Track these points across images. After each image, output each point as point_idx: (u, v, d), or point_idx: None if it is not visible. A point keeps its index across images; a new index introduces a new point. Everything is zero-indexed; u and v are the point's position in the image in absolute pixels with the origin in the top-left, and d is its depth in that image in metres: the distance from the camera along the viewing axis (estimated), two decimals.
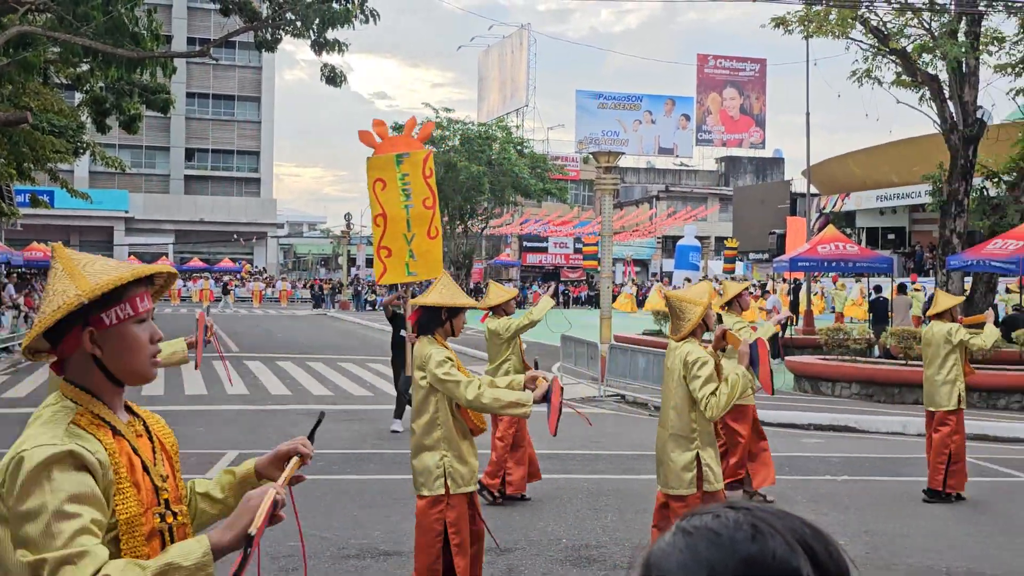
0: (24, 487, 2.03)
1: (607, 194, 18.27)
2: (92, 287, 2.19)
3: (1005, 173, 20.36)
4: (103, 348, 2.25)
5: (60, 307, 2.17)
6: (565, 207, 61.29)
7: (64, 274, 2.24)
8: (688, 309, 5.87)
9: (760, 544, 1.02)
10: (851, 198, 46.76)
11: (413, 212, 8.79)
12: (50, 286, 2.25)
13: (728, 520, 1.05)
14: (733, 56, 78.12)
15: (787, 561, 1.01)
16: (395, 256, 8.94)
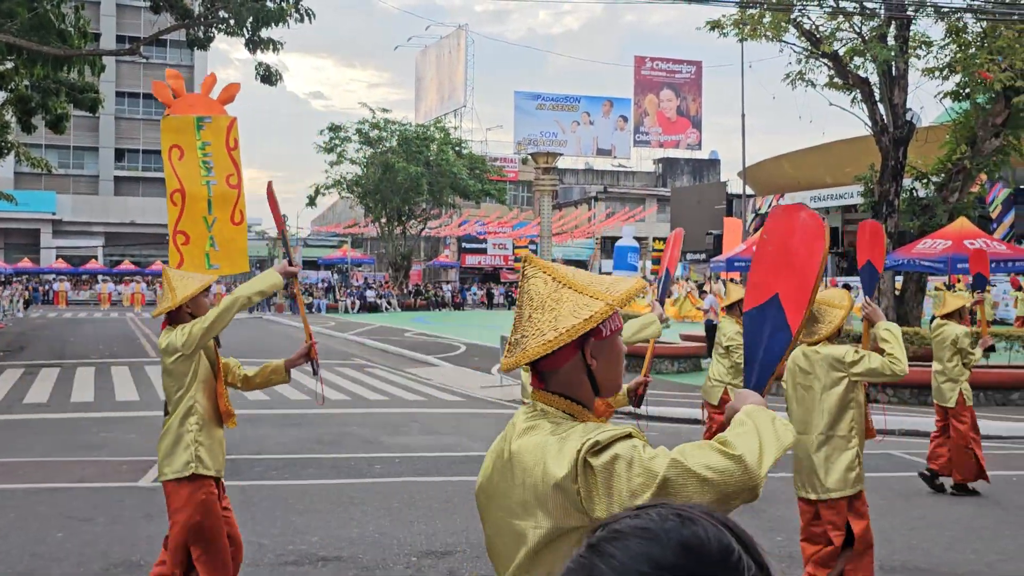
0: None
1: (546, 195, 18.28)
2: (617, 297, 2.24)
3: (934, 174, 20.78)
4: (598, 359, 2.28)
5: (590, 317, 2.19)
6: (504, 208, 61.38)
7: (565, 286, 2.27)
8: (828, 312, 5.72)
9: (691, 528, 1.05)
10: (786, 199, 47.47)
11: (216, 190, 7.49)
12: (542, 297, 2.28)
13: (652, 515, 1.08)
14: (670, 58, 78.92)
15: (719, 540, 1.05)
16: (193, 243, 7.55)
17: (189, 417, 5.43)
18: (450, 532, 7.86)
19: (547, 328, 2.22)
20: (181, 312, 5.49)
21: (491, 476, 2.33)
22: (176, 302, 5.41)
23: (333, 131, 51.70)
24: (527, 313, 2.29)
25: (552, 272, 2.32)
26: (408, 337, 31.34)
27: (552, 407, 2.26)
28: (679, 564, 1.02)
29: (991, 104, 19.47)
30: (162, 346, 5.43)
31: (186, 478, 5.40)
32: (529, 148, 64.83)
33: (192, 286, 5.51)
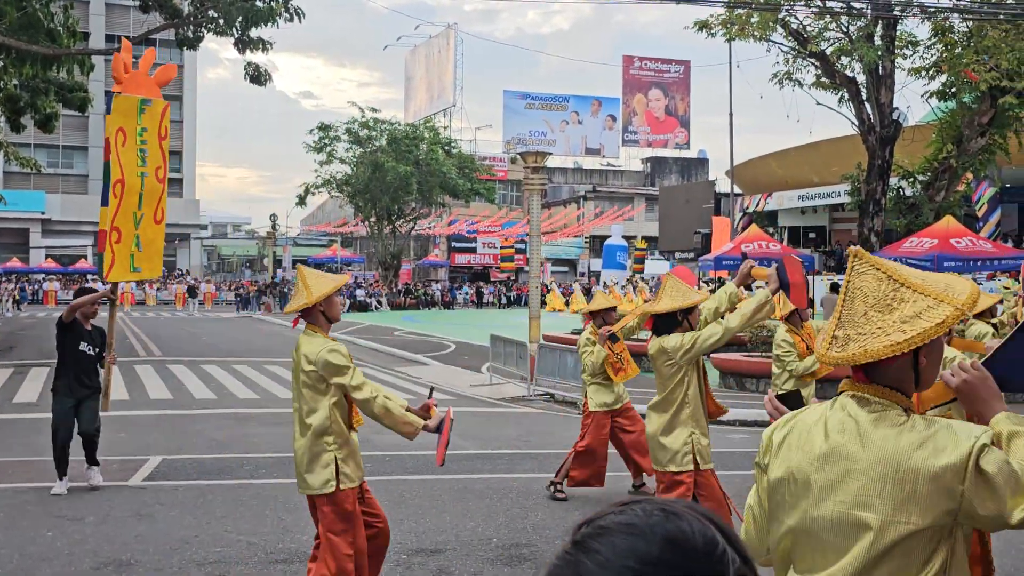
0: None
1: (535, 194, 18.35)
2: (964, 301, 2.27)
3: (920, 173, 20.94)
4: (928, 359, 2.34)
5: (942, 323, 2.23)
6: (493, 207, 61.45)
7: (903, 286, 2.31)
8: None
9: (676, 523, 1.06)
10: (773, 198, 47.62)
11: (147, 184, 6.87)
12: (879, 295, 2.32)
13: (636, 511, 1.09)
14: (658, 58, 79.11)
15: (704, 534, 1.06)
16: (124, 242, 6.98)
17: (326, 436, 5.39)
18: (439, 530, 7.92)
19: (892, 329, 2.25)
20: (314, 310, 5.47)
21: (820, 465, 2.33)
22: (312, 300, 5.38)
23: (323, 130, 51.70)
24: (862, 310, 2.32)
25: (885, 269, 2.35)
26: (398, 336, 31.37)
27: (887, 400, 2.31)
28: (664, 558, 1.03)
29: (977, 103, 19.63)
30: (304, 349, 5.40)
31: (328, 494, 5.43)
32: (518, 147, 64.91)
33: (327, 285, 5.47)
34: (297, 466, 5.53)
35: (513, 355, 18.42)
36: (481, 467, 10.59)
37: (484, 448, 11.84)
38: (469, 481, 9.81)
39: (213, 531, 7.81)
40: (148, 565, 6.91)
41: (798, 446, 2.40)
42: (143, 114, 6.64)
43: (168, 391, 17.18)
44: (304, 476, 5.47)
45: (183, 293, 54.79)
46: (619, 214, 66.28)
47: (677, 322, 5.92)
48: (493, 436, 12.88)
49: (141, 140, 6.68)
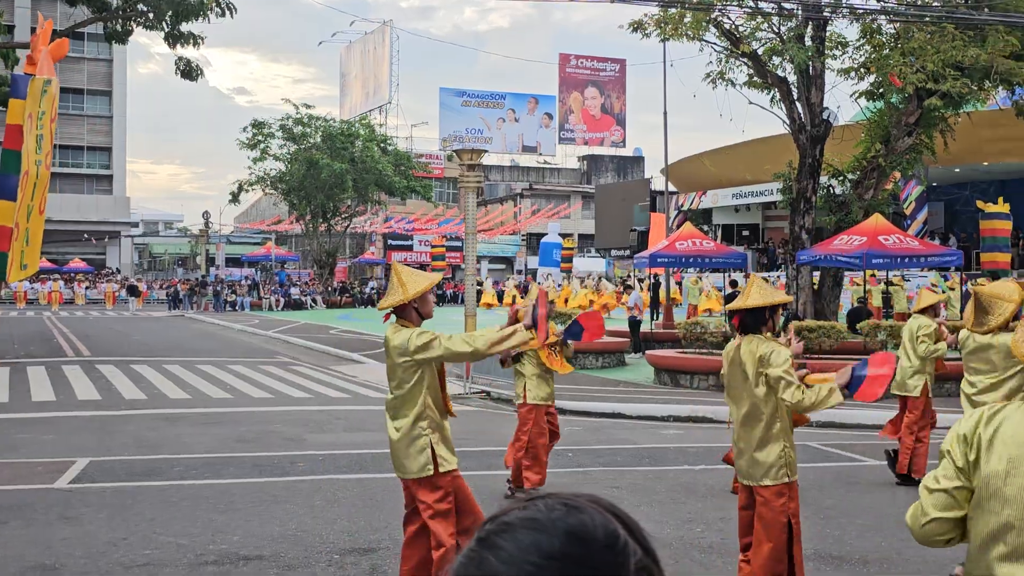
0: None
1: (470, 192, 18.30)
2: None
3: (849, 172, 21.28)
4: None
5: None
6: (430, 205, 61.24)
7: None
8: (998, 304, 5.97)
9: (577, 517, 1.06)
10: (708, 196, 48.20)
11: (40, 173, 6.26)
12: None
13: (539, 506, 1.09)
14: (594, 56, 79.53)
15: (605, 526, 1.06)
16: (19, 238, 6.29)
17: (420, 421, 5.55)
18: (373, 529, 7.86)
19: None
20: (407, 308, 5.55)
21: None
22: (408, 297, 5.48)
23: (256, 127, 51.04)
24: None
25: None
26: (333, 334, 31.11)
27: None
28: (567, 552, 1.03)
29: (904, 104, 20.01)
30: (394, 343, 5.51)
31: (427, 477, 5.54)
32: (454, 145, 64.78)
33: (422, 283, 5.58)
34: (394, 452, 5.68)
35: None
36: None
37: None
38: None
39: (142, 533, 7.66)
40: (75, 569, 6.75)
41: (1013, 440, 2.72)
42: (44, 96, 6.11)
43: (97, 392, 16.81)
44: (402, 461, 5.62)
45: (113, 292, 53.72)
46: (556, 212, 66.54)
47: (764, 320, 5.73)
48: None
49: (39, 125, 6.15)
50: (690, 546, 7.47)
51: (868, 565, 6.99)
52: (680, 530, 7.91)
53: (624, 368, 21.31)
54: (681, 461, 10.99)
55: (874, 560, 7.12)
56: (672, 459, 11.13)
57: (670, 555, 7.20)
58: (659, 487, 9.53)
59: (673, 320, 25.40)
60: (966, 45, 18.11)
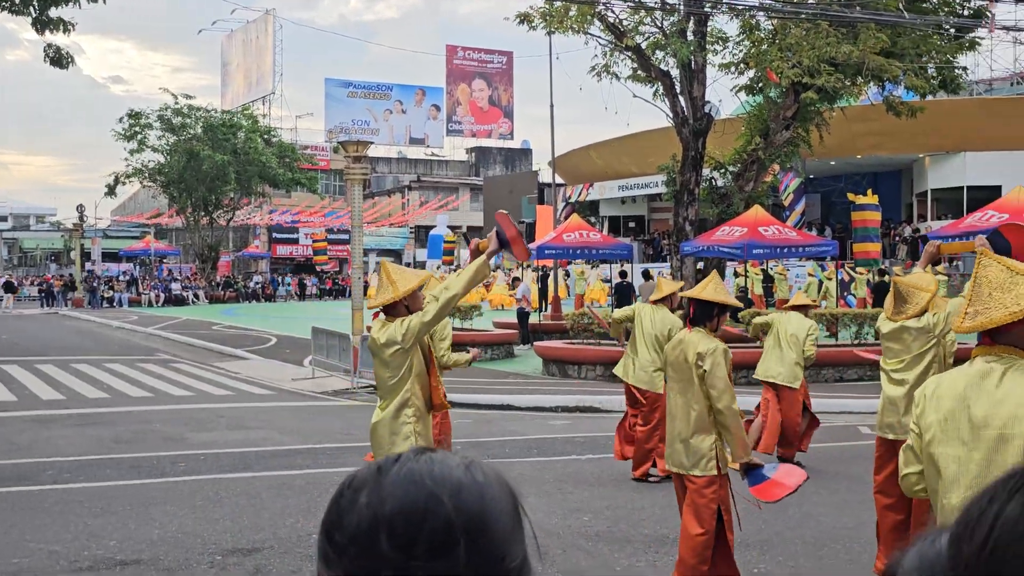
0: None
1: (356, 184, 18.08)
2: None
3: (731, 164, 21.76)
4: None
5: None
6: (316, 197, 60.35)
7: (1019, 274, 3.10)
8: (915, 294, 6.25)
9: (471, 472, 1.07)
10: (595, 188, 48.76)
11: None
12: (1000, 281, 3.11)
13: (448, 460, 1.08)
14: (481, 48, 79.56)
15: (498, 475, 1.09)
16: None
17: (405, 409, 5.52)
18: (257, 528, 7.67)
19: (1010, 303, 3.05)
20: (398, 305, 5.54)
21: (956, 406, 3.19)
22: (399, 295, 5.49)
23: (133, 118, 49.40)
24: (987, 292, 3.13)
25: (1005, 263, 3.16)
26: (216, 330, 30.38)
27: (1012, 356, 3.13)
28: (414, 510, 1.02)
29: (782, 98, 20.55)
30: (381, 340, 5.47)
31: None
32: (340, 136, 63.97)
33: (412, 281, 5.63)
34: (378, 443, 5.60)
35: (336, 347, 18.13)
36: (302, 462, 10.34)
37: (306, 443, 11.58)
38: (289, 477, 9.55)
39: (11, 540, 7.31)
40: None
41: (949, 394, 3.24)
42: None
43: None
44: (381, 446, 5.56)
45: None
46: (444, 204, 66.39)
47: (711, 316, 5.82)
48: (315, 430, 12.61)
49: None
50: (577, 535, 7.51)
51: (749, 548, 7.13)
52: (568, 519, 7.95)
53: (513, 360, 21.37)
54: (569, 451, 11.06)
55: (755, 543, 7.27)
56: (560, 449, 11.19)
57: (558, 544, 7.22)
58: (547, 477, 9.56)
59: (561, 311, 25.60)
60: (839, 42, 18.69)
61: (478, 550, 1.02)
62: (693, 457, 5.75)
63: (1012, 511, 0.73)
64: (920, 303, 6.22)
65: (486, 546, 1.03)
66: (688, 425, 5.79)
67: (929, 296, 6.24)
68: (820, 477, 9.67)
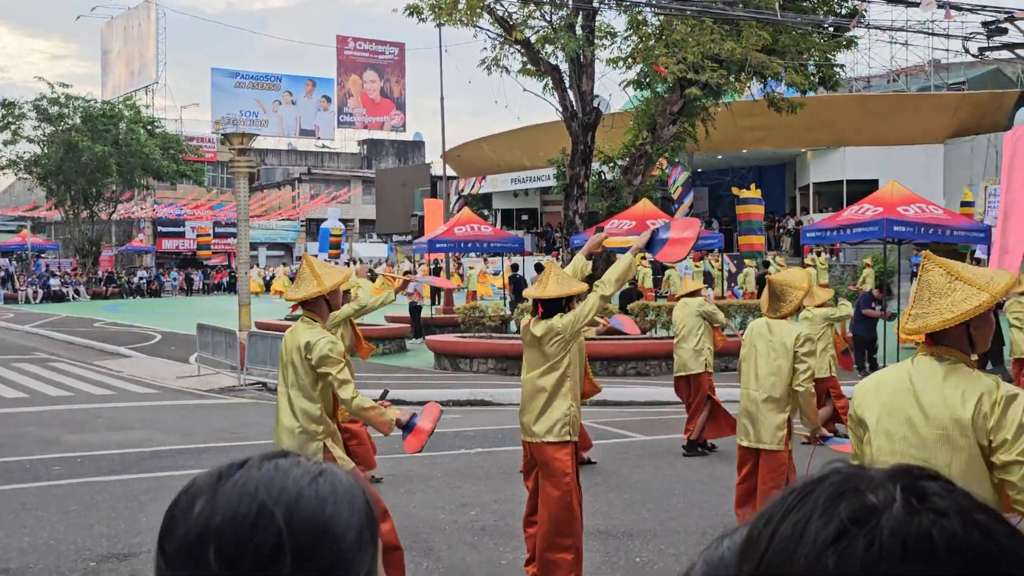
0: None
1: (242, 177, 17.70)
2: (998, 289, 3.17)
3: (619, 158, 22.04)
4: (977, 330, 3.28)
5: (979, 305, 3.14)
6: (202, 190, 58.93)
7: (956, 279, 3.22)
8: (790, 292, 6.33)
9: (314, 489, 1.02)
10: (487, 181, 48.80)
11: None
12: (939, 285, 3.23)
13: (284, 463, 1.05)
14: (372, 39, 78.71)
15: (351, 487, 1.04)
16: None
17: (314, 424, 5.46)
18: (135, 532, 7.43)
19: (945, 310, 3.18)
20: (320, 300, 5.52)
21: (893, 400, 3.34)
22: (324, 289, 5.45)
23: (5, 107, 47.36)
24: (927, 296, 3.26)
25: (946, 267, 3.26)
26: (98, 328, 29.41)
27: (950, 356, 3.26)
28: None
29: (668, 93, 20.90)
30: (303, 339, 5.42)
31: None
32: (228, 127, 62.58)
33: (336, 276, 5.62)
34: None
35: (223, 344, 17.74)
36: (184, 463, 10.07)
37: (189, 443, 11.29)
38: (170, 479, 9.29)
39: None
40: None
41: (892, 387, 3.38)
42: None
43: None
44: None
45: None
46: (335, 197, 65.61)
47: (562, 309, 5.87)
48: (200, 429, 12.31)
49: None
50: (463, 530, 7.50)
51: (632, 538, 7.23)
52: (455, 515, 7.93)
53: (405, 354, 21.26)
54: (458, 445, 11.05)
55: (638, 533, 7.37)
56: (449, 444, 11.15)
57: (443, 540, 7.20)
58: (435, 472, 9.53)
59: (454, 304, 25.56)
60: (723, 39, 19.10)
61: (311, 567, 0.98)
62: (545, 424, 5.83)
63: (784, 531, 0.73)
64: (794, 301, 6.36)
65: (321, 563, 0.99)
66: (540, 398, 5.86)
67: (802, 294, 6.39)
68: (704, 464, 9.89)
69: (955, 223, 16.90)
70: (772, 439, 6.24)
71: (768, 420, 6.25)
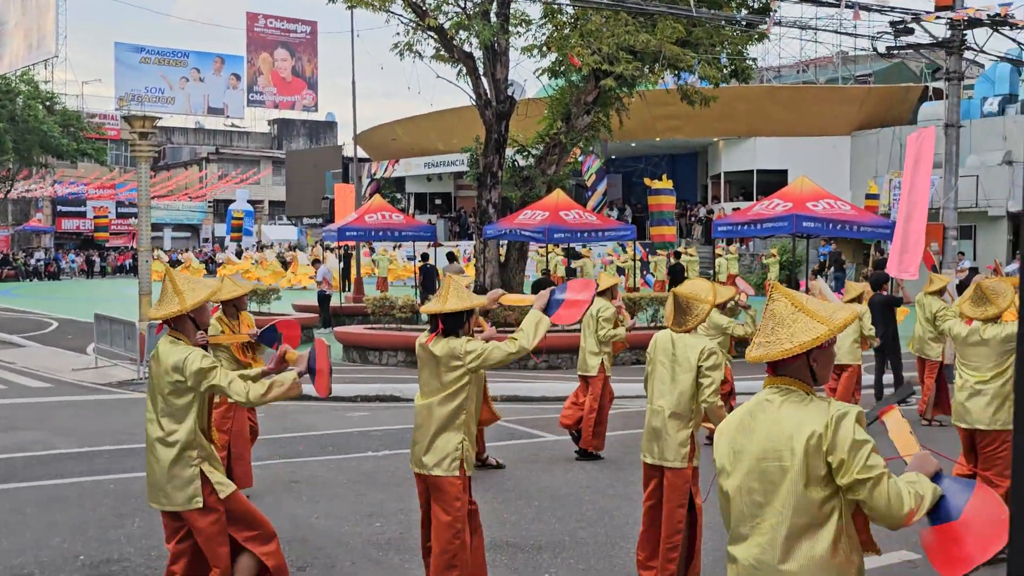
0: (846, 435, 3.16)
1: (144, 161, 17.00)
2: (837, 324, 3.28)
3: (533, 147, 21.87)
4: (818, 362, 3.34)
5: (817, 338, 3.25)
6: (105, 169, 57.08)
7: (800, 311, 3.32)
8: (696, 305, 6.19)
9: None
10: (400, 164, 48.28)
11: None
12: (782, 316, 3.33)
13: None
14: (284, 16, 77.11)
15: None
16: None
17: (189, 451, 5.11)
18: (18, 551, 6.99)
19: (785, 340, 3.27)
20: (184, 319, 5.16)
21: (739, 437, 3.38)
22: (186, 307, 5.10)
23: None
24: (771, 326, 3.33)
25: (790, 299, 3.34)
26: None
27: (791, 387, 3.31)
28: None
29: (583, 83, 20.77)
30: (168, 361, 5.06)
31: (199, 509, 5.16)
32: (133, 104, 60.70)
33: (201, 293, 5.20)
34: (155, 481, 5.19)
35: (121, 334, 17.08)
36: (75, 469, 9.60)
37: (81, 446, 10.77)
38: (59, 488, 8.82)
39: None
40: None
41: (731, 427, 3.45)
42: None
43: None
44: (167, 491, 5.14)
45: None
46: (245, 177, 64.23)
47: (462, 323, 5.63)
48: (94, 430, 11.78)
49: None
50: (368, 543, 7.25)
51: (541, 551, 7.07)
52: (359, 526, 7.67)
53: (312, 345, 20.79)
54: (364, 447, 10.76)
55: (547, 545, 7.21)
56: (356, 445, 10.87)
57: (347, 556, 6.95)
58: (340, 478, 9.24)
59: (364, 294, 25.16)
60: (638, 30, 19.02)
61: None
62: (436, 456, 5.56)
63: None
64: (700, 315, 6.24)
65: None
66: (432, 426, 5.59)
67: (708, 307, 6.28)
68: (614, 468, 9.78)
69: (862, 219, 17.13)
70: (676, 456, 6.12)
71: (672, 438, 6.13)
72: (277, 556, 5.32)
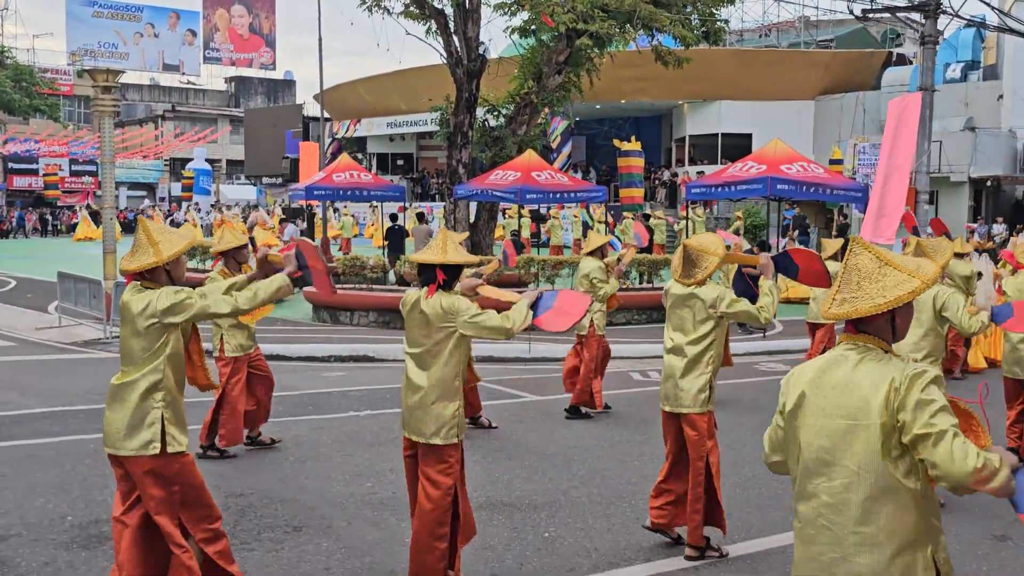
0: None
1: (107, 116, 16.57)
2: (930, 276, 3.21)
3: (503, 106, 21.66)
4: (901, 318, 3.31)
5: (913, 291, 3.17)
6: (58, 125, 55.79)
7: (887, 264, 3.24)
8: (704, 258, 6.15)
9: None
10: (363, 124, 47.68)
11: None
12: (869, 270, 3.25)
13: None
14: None
15: None
16: None
17: (155, 392, 4.86)
18: (1, 512, 6.81)
19: (876, 295, 3.18)
20: (158, 271, 4.91)
21: (811, 392, 3.32)
22: (162, 259, 4.88)
23: None
24: (856, 280, 3.24)
25: (875, 252, 3.26)
26: None
27: (869, 344, 3.25)
28: None
29: (555, 43, 20.57)
30: (135, 308, 4.83)
31: (151, 455, 4.84)
32: (86, 59, 59.28)
33: (178, 244, 4.97)
34: (111, 424, 4.90)
35: (86, 292, 16.73)
36: (50, 429, 9.38)
37: (53, 405, 10.53)
38: (36, 447, 8.61)
39: None
40: None
41: (803, 380, 3.37)
42: None
43: None
44: (119, 436, 4.86)
45: None
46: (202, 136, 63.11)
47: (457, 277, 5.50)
48: (64, 390, 11.52)
49: None
50: (362, 504, 7.15)
51: (538, 510, 7.02)
52: (350, 486, 7.57)
53: (281, 305, 20.52)
54: (346, 407, 10.64)
55: (543, 504, 7.17)
56: (336, 405, 10.74)
57: (342, 516, 6.84)
58: (324, 439, 9.11)
59: (331, 254, 24.89)
60: None
61: None
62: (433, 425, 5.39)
63: None
64: (709, 267, 6.19)
65: None
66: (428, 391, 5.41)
67: (717, 260, 6.22)
68: (601, 428, 9.76)
69: (834, 182, 17.18)
70: (694, 403, 6.11)
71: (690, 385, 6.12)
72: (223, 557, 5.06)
